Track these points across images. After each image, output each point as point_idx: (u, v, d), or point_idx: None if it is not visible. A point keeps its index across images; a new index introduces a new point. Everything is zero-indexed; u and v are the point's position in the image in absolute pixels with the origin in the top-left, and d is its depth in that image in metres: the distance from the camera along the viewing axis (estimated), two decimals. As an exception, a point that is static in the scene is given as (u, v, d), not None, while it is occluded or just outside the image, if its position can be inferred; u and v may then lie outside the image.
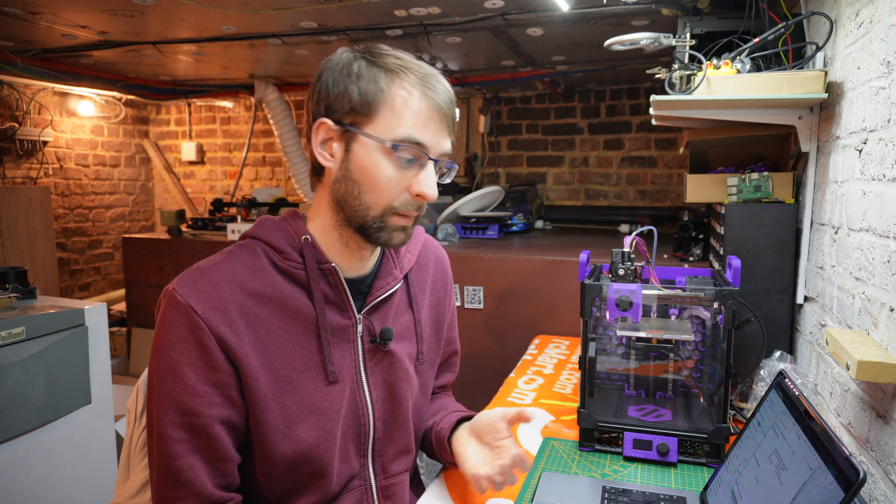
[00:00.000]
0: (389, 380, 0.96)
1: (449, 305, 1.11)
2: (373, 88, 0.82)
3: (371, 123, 0.82)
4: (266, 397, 0.83)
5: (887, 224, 0.91)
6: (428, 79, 0.84)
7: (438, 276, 1.09)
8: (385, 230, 0.85)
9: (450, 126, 0.86)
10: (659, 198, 3.72)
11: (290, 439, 0.85)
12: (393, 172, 0.83)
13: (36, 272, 3.41)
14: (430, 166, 0.84)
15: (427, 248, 1.08)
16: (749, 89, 1.30)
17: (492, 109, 4.02)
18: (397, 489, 0.99)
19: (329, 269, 0.89)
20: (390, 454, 0.98)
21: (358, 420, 0.93)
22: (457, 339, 1.17)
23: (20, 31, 2.61)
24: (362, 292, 0.94)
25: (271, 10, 2.24)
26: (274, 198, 3.65)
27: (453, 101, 0.87)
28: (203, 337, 0.80)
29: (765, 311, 1.40)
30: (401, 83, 0.82)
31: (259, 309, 0.84)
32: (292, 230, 0.90)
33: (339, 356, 0.90)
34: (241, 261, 0.87)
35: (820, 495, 0.66)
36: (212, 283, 0.82)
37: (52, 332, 1.67)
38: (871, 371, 0.81)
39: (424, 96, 0.82)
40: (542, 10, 2.21)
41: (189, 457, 0.80)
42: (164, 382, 0.80)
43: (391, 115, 0.82)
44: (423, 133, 0.82)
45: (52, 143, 3.97)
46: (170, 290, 0.82)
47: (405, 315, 1.00)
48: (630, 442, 1.09)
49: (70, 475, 1.75)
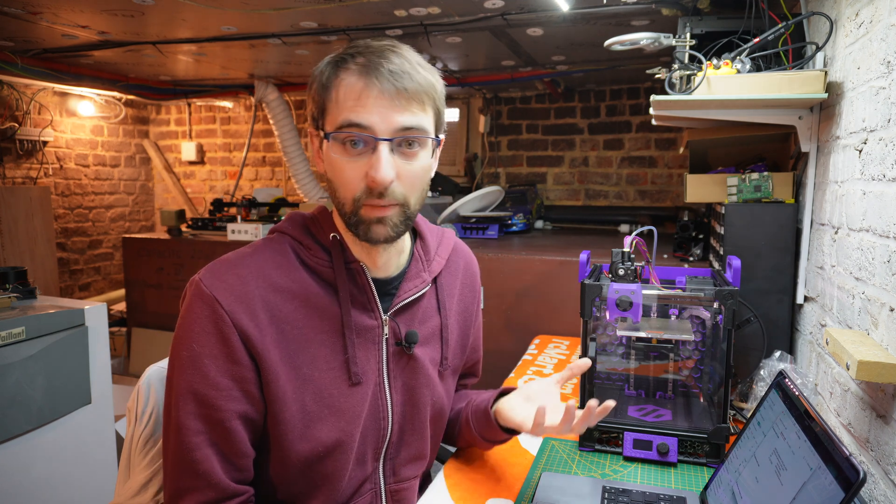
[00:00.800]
0: (411, 384, 0.95)
1: (476, 312, 1.09)
2: (322, 86, 0.82)
3: (324, 120, 0.83)
4: (286, 395, 0.82)
5: (887, 224, 0.91)
6: (370, 58, 0.79)
7: (468, 281, 1.07)
8: (362, 224, 0.83)
9: (403, 99, 0.79)
10: (659, 198, 3.72)
11: (307, 439, 0.84)
12: (345, 163, 0.80)
13: (36, 272, 3.41)
14: (380, 148, 0.78)
15: (458, 252, 1.06)
16: (749, 89, 1.30)
17: (492, 109, 4.02)
18: (406, 494, 0.98)
19: (357, 269, 0.88)
20: (402, 459, 0.97)
21: (378, 423, 0.92)
22: (481, 346, 1.15)
23: (20, 31, 2.61)
24: (390, 294, 0.93)
25: (271, 10, 2.24)
26: (274, 198, 3.65)
27: (403, 71, 0.79)
28: (226, 330, 0.79)
29: (765, 311, 1.40)
30: (340, 71, 0.80)
31: (284, 305, 0.83)
32: (321, 227, 0.89)
33: (363, 357, 0.89)
34: (268, 255, 0.86)
35: (820, 495, 0.66)
36: (238, 277, 0.82)
37: (52, 332, 1.67)
38: (871, 371, 0.81)
39: (360, 75, 0.78)
40: (542, 10, 2.21)
41: (206, 448, 0.79)
42: (184, 373, 0.80)
43: (333, 105, 0.81)
44: (362, 114, 0.78)
45: (52, 143, 3.97)
46: (196, 281, 0.82)
47: (433, 319, 0.98)
48: (630, 442, 1.09)
49: (70, 475, 1.75)
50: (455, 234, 1.08)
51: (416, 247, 0.98)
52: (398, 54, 0.81)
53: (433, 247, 1.00)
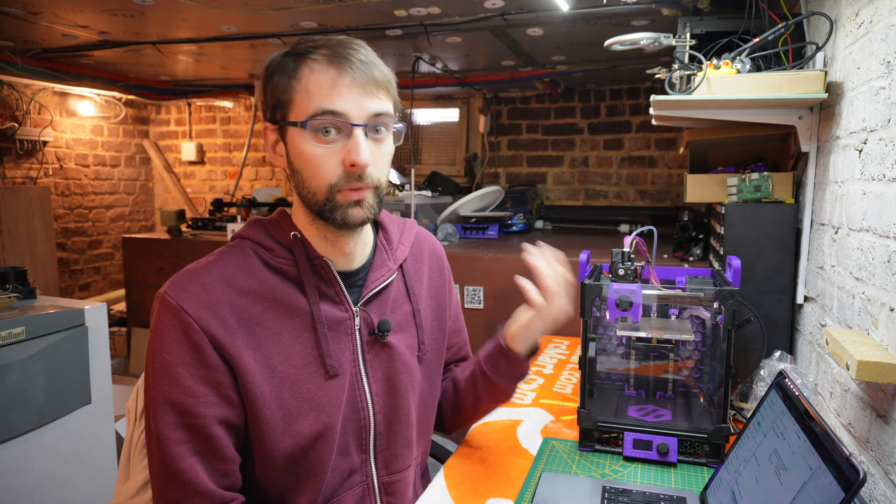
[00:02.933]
0: (389, 372, 0.96)
1: (450, 294, 1.11)
2: (284, 78, 0.83)
3: (291, 112, 0.84)
4: (264, 395, 0.83)
5: (887, 224, 0.91)
6: (336, 48, 0.82)
7: (434, 265, 1.09)
8: (338, 209, 0.84)
9: (373, 86, 0.83)
10: (659, 198, 3.72)
11: (289, 435, 0.85)
12: (320, 150, 0.82)
13: (36, 272, 3.41)
14: (356, 133, 0.82)
15: (420, 239, 1.08)
16: (749, 89, 1.30)
17: (492, 109, 4.02)
18: (400, 486, 0.99)
19: (321, 264, 0.90)
20: (393, 449, 0.97)
21: (357, 414, 0.93)
22: (464, 327, 1.17)
23: (20, 31, 2.61)
24: (357, 285, 0.95)
25: (271, 10, 2.24)
26: (274, 198, 3.65)
27: (370, 61, 0.84)
28: (196, 337, 0.80)
29: (765, 311, 1.40)
30: (306, 62, 0.82)
31: (252, 307, 0.85)
32: (281, 228, 0.91)
33: (337, 349, 0.90)
34: (231, 261, 0.87)
35: (820, 495, 0.66)
36: (202, 284, 0.83)
37: (52, 332, 1.67)
38: (871, 371, 0.81)
39: (331, 65, 0.81)
40: (542, 10, 2.21)
41: (190, 457, 0.79)
42: (159, 384, 0.80)
43: (303, 95, 0.82)
44: (336, 101, 0.81)
45: (52, 143, 3.97)
46: (161, 294, 0.83)
47: (404, 306, 1.00)
48: (630, 442, 1.09)
49: (70, 475, 1.75)
50: (416, 223, 1.11)
51: (378, 237, 1.00)
52: (362, 46, 0.85)
53: (395, 236, 1.02)
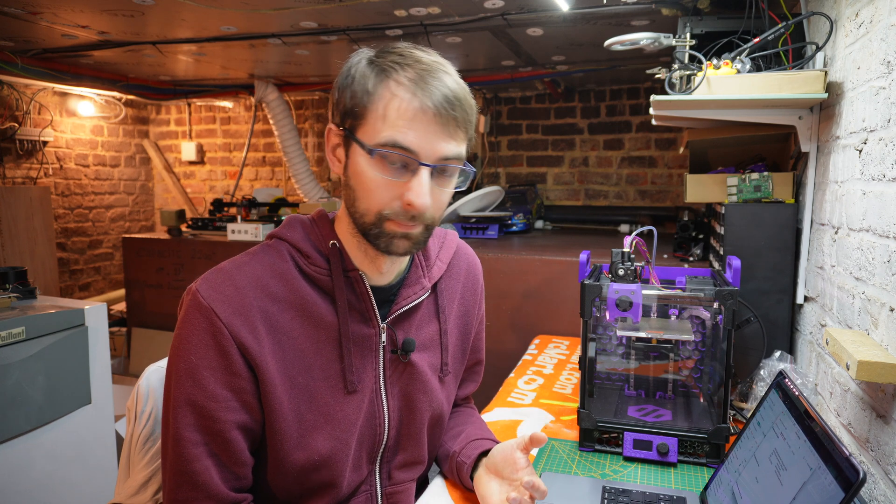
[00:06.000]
0: (408, 391, 0.94)
1: (478, 314, 1.07)
2: (362, 91, 0.79)
3: (361, 128, 0.79)
4: (282, 405, 0.82)
5: (887, 224, 0.91)
6: (423, 76, 0.77)
7: (469, 284, 1.05)
8: (383, 237, 0.81)
9: (452, 127, 0.79)
10: (659, 198, 3.72)
11: (303, 448, 0.84)
12: (380, 179, 0.78)
13: (36, 272, 3.41)
14: (422, 173, 0.78)
15: (459, 255, 1.04)
16: (749, 89, 1.30)
17: (492, 109, 4.02)
18: (402, 497, 0.98)
19: (355, 277, 0.87)
20: (398, 463, 0.97)
21: (374, 430, 0.92)
22: (483, 348, 1.13)
23: (20, 31, 2.61)
24: (388, 300, 0.92)
25: (271, 10, 2.24)
26: (274, 198, 3.65)
27: (457, 98, 0.78)
28: (224, 342, 0.79)
29: (765, 311, 1.40)
30: (388, 84, 0.77)
31: (281, 315, 0.83)
32: (320, 234, 0.88)
33: (359, 365, 0.88)
34: (266, 263, 0.85)
35: (820, 495, 0.66)
36: (235, 287, 0.81)
37: (52, 332, 1.67)
38: (871, 371, 0.81)
39: (413, 96, 0.76)
40: (542, 10, 2.21)
41: (205, 459, 0.79)
42: (182, 385, 0.79)
43: (377, 118, 0.78)
44: (409, 136, 0.76)
45: (52, 143, 3.97)
46: (193, 291, 0.81)
47: (431, 325, 0.97)
48: (630, 442, 1.09)
49: (70, 475, 1.75)
50: (457, 235, 1.07)
51: (416, 253, 0.96)
52: (449, 75, 0.80)
53: (434, 251, 0.99)
